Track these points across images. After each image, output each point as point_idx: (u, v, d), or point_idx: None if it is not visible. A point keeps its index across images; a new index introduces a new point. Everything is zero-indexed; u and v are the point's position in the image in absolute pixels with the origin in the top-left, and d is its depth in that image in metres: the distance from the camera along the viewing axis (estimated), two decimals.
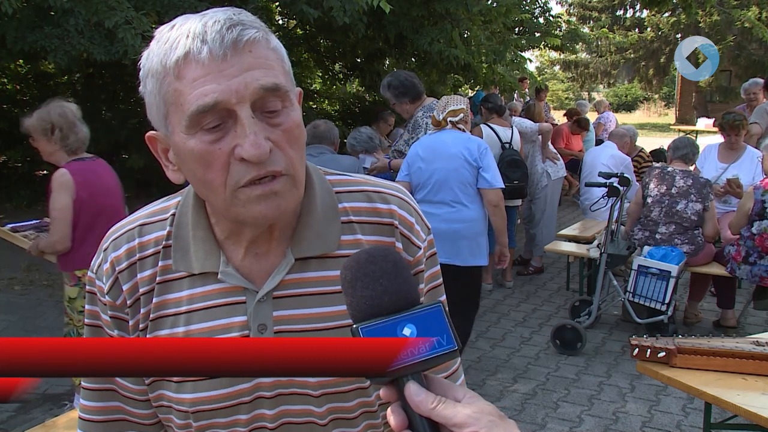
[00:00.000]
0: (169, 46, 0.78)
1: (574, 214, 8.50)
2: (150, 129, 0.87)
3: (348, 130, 9.77)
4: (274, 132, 0.79)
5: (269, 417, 0.91)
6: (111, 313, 0.91)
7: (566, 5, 26.88)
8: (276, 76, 0.79)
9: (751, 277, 4.32)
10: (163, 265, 0.91)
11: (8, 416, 3.59)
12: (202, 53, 0.75)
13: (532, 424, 3.53)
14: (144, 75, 0.82)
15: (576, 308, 4.95)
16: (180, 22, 0.80)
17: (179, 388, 0.89)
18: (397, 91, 4.37)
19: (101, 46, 5.47)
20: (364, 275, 0.64)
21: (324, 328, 0.89)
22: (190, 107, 0.76)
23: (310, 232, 0.90)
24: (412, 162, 3.73)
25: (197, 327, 0.89)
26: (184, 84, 0.77)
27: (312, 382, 0.89)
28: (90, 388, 0.96)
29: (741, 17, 14.76)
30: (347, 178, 0.97)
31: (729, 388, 2.28)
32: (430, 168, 3.65)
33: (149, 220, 0.94)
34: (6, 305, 5.28)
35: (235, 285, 0.89)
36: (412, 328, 0.62)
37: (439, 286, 1.01)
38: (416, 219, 0.96)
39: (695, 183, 4.53)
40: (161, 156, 0.88)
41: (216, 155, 0.78)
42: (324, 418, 0.92)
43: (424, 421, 0.60)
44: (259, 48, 0.78)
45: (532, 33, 11.70)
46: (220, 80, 0.76)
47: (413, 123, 4.37)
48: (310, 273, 0.90)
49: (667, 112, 32.16)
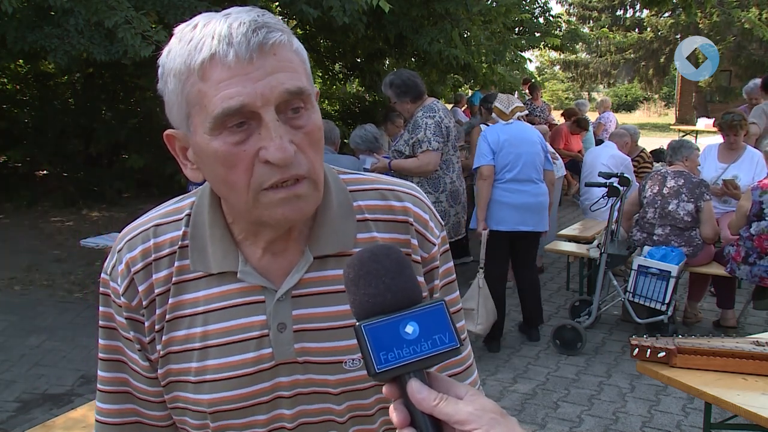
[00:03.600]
0: (193, 47, 0.78)
1: (574, 214, 8.50)
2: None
3: (348, 130, 9.77)
4: (297, 135, 0.80)
5: (288, 417, 0.91)
6: (126, 315, 0.91)
7: (566, 5, 26.90)
8: (300, 79, 0.80)
9: (751, 278, 4.32)
10: (179, 266, 0.90)
11: (8, 416, 3.59)
12: (228, 56, 0.76)
13: (532, 424, 3.53)
14: (164, 73, 0.82)
15: (576, 308, 4.96)
16: (203, 21, 0.79)
17: (197, 389, 0.89)
18: (399, 90, 4.36)
19: (101, 46, 5.47)
20: (366, 273, 0.64)
21: (343, 326, 0.89)
22: (215, 109, 0.76)
23: (327, 230, 0.90)
24: (498, 148, 4.39)
25: (215, 327, 0.89)
26: (208, 86, 0.77)
27: (332, 380, 0.89)
28: (105, 391, 0.95)
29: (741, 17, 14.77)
30: (360, 176, 0.97)
31: (729, 388, 2.28)
32: (517, 151, 4.37)
33: (164, 220, 0.93)
34: (6, 305, 5.28)
35: (254, 284, 0.88)
36: (415, 326, 0.63)
37: (452, 282, 1.00)
38: (430, 216, 0.96)
39: (687, 182, 4.52)
40: (179, 154, 0.88)
41: (240, 157, 0.78)
42: (343, 416, 0.92)
43: (426, 418, 0.61)
44: (283, 51, 0.79)
45: (532, 33, 11.69)
46: (246, 83, 0.76)
47: (413, 123, 4.37)
48: (328, 271, 0.90)
49: (667, 112, 32.15)
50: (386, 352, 0.61)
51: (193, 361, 0.89)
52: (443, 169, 4.42)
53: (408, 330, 0.62)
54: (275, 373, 0.89)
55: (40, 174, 10.22)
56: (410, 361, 0.61)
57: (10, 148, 9.63)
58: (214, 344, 0.88)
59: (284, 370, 0.89)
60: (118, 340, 0.93)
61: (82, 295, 5.58)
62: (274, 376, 0.89)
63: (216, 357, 0.88)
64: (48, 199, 9.02)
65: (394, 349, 0.61)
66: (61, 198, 8.93)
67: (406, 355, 0.61)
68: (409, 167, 4.37)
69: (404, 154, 4.41)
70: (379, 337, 0.62)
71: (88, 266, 6.28)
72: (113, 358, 0.94)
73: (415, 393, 0.61)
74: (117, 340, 0.93)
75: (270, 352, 0.88)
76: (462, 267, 6.35)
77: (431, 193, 4.40)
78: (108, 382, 0.95)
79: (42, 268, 6.28)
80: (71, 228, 7.83)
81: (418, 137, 4.29)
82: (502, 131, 4.45)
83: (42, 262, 6.49)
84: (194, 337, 0.89)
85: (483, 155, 4.42)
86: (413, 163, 4.35)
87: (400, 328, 0.62)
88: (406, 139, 4.40)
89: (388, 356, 0.61)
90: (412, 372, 0.62)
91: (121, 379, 0.94)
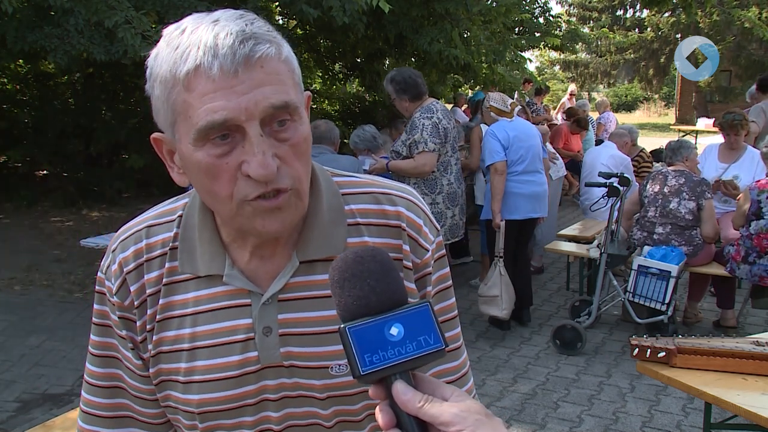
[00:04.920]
0: (179, 56, 0.76)
1: (574, 214, 8.50)
2: (153, 130, 0.87)
3: (348, 130, 9.77)
4: (282, 147, 0.79)
5: (275, 419, 0.91)
6: (119, 314, 0.92)
7: (566, 5, 26.91)
8: (286, 92, 0.78)
9: (751, 277, 4.32)
10: (170, 267, 0.91)
11: (8, 416, 3.59)
12: (213, 68, 0.74)
13: (532, 424, 3.53)
14: (152, 77, 0.81)
15: (576, 308, 4.95)
16: (191, 26, 0.78)
17: (186, 389, 0.90)
18: (398, 87, 4.36)
19: (101, 45, 5.47)
20: (351, 275, 0.64)
21: (330, 331, 0.88)
22: (199, 122, 0.76)
23: (315, 235, 0.89)
24: (509, 144, 4.72)
25: (203, 329, 0.89)
26: (193, 97, 0.76)
27: (318, 385, 0.89)
28: (96, 385, 0.96)
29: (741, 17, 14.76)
30: (354, 179, 0.96)
31: (729, 388, 2.28)
32: (526, 145, 4.77)
33: (157, 221, 0.94)
34: (6, 305, 5.28)
35: (240, 288, 0.89)
36: (400, 328, 0.63)
37: (447, 289, 0.98)
38: (424, 221, 0.95)
39: (688, 181, 4.52)
40: (166, 158, 0.88)
41: (223, 169, 0.78)
42: (330, 420, 0.92)
43: (411, 419, 0.61)
44: (270, 63, 0.77)
45: (532, 33, 11.67)
46: (230, 97, 0.75)
47: (410, 124, 4.36)
48: (316, 276, 0.89)
49: (667, 112, 32.14)
50: (371, 354, 0.61)
51: (182, 362, 0.90)
52: (440, 170, 4.42)
53: (393, 332, 0.62)
54: (261, 376, 0.89)
55: (40, 174, 10.21)
56: (395, 363, 0.61)
57: (10, 148, 9.63)
58: (203, 345, 0.89)
59: (270, 373, 0.89)
60: (112, 338, 0.94)
61: (82, 295, 5.58)
62: (259, 379, 0.89)
63: (204, 358, 0.89)
64: (48, 199, 9.02)
65: (378, 351, 0.61)
66: (61, 198, 8.93)
67: (391, 357, 0.61)
68: (405, 168, 4.37)
69: (402, 155, 4.41)
70: (363, 339, 0.62)
71: (88, 266, 6.28)
72: (107, 354, 0.95)
73: (400, 394, 0.61)
74: (111, 337, 0.94)
75: (255, 356, 0.88)
76: (462, 267, 6.35)
77: (427, 195, 4.40)
78: (100, 377, 0.95)
79: (42, 268, 6.28)
80: (71, 228, 7.83)
81: (415, 138, 4.29)
82: (509, 128, 4.77)
83: (42, 262, 6.49)
84: (183, 338, 0.90)
85: (496, 152, 4.69)
86: (409, 164, 4.35)
87: (384, 330, 0.62)
88: (403, 140, 4.40)
89: (372, 358, 0.61)
90: (397, 373, 0.62)
91: (115, 374, 0.95)
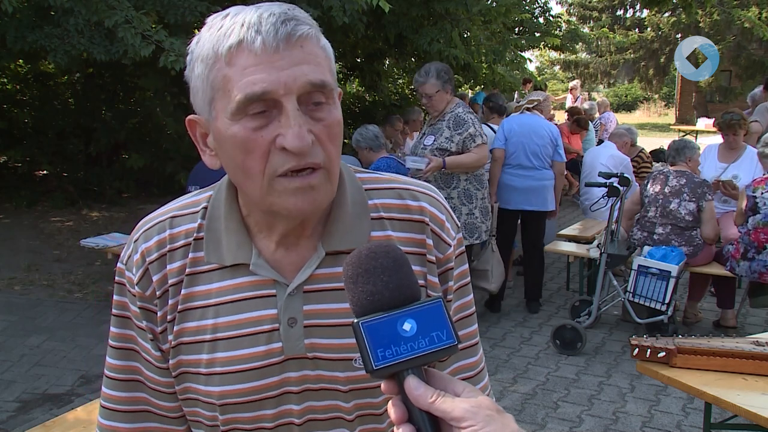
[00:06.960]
0: (222, 33, 0.80)
1: (574, 214, 8.50)
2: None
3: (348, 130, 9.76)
4: (317, 126, 0.81)
5: (296, 412, 0.91)
6: (140, 304, 0.92)
7: (566, 5, 26.87)
8: (324, 73, 0.81)
9: (750, 273, 4.32)
10: (193, 257, 0.91)
11: (8, 416, 3.59)
12: (255, 43, 0.78)
13: (532, 424, 3.53)
14: (192, 59, 0.84)
15: (576, 308, 4.95)
16: (234, 11, 0.82)
17: (207, 381, 0.90)
18: (446, 78, 4.34)
19: (101, 45, 5.47)
20: (365, 271, 0.65)
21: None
22: (238, 94, 0.78)
23: (340, 227, 0.90)
24: (510, 135, 5.05)
25: (226, 319, 0.89)
26: (234, 71, 0.79)
27: (341, 377, 0.90)
28: (115, 378, 0.96)
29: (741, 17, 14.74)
30: (376, 176, 0.98)
31: (729, 388, 2.28)
32: (525, 141, 5.02)
33: (180, 212, 0.94)
34: (6, 305, 5.28)
35: (266, 278, 0.89)
36: (413, 323, 0.63)
37: (466, 285, 1.00)
38: (447, 216, 0.96)
39: (689, 182, 4.53)
40: (199, 140, 0.90)
41: (258, 142, 0.80)
42: (351, 413, 0.92)
43: (423, 414, 0.61)
44: (310, 44, 0.81)
45: (532, 33, 11.67)
46: (271, 71, 0.78)
47: (455, 119, 4.30)
48: (341, 268, 0.90)
49: (667, 112, 32.13)
50: (384, 349, 0.62)
51: (203, 353, 0.90)
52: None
53: (406, 327, 0.63)
54: (284, 367, 0.89)
55: (40, 174, 10.21)
56: (407, 358, 0.62)
57: (10, 148, 9.63)
58: (225, 337, 0.89)
59: (293, 365, 0.89)
60: (131, 329, 0.94)
61: (82, 295, 5.58)
62: (283, 371, 0.89)
63: (226, 349, 0.89)
64: (48, 199, 9.01)
65: (391, 346, 0.62)
66: (61, 198, 8.93)
67: (404, 352, 0.62)
68: (467, 162, 4.31)
69: (449, 151, 4.30)
70: (376, 334, 0.62)
71: (88, 266, 6.28)
72: (125, 346, 0.95)
73: (412, 390, 0.61)
74: (130, 329, 0.94)
75: (280, 347, 0.88)
76: None
77: (443, 189, 4.34)
78: (119, 369, 0.95)
79: (42, 268, 6.28)
80: (71, 228, 7.83)
81: (470, 132, 4.26)
82: (514, 121, 5.16)
83: (42, 262, 6.49)
84: (205, 329, 0.90)
85: (497, 139, 5.12)
86: (470, 157, 4.30)
87: (397, 326, 0.63)
88: (447, 136, 4.30)
89: (385, 353, 0.62)
90: (410, 369, 0.62)
91: (133, 367, 0.95)
